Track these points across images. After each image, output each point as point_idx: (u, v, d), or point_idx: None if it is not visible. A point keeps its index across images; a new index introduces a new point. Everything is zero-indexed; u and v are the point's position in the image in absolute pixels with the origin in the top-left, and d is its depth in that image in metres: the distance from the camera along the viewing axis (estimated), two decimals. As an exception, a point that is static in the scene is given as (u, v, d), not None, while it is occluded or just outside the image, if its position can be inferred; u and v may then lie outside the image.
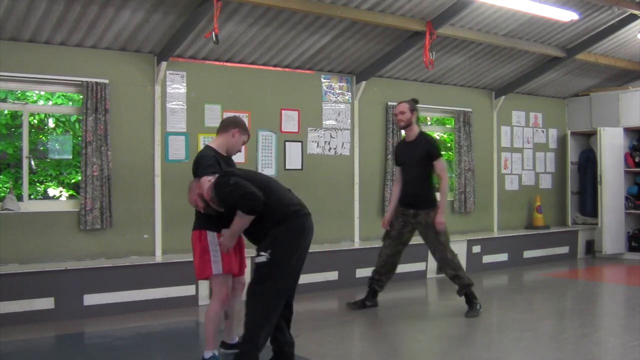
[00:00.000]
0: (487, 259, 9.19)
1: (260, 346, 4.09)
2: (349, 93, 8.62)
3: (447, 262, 6.16)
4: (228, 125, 4.63)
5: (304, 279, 7.13)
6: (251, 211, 4.05)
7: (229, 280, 4.47)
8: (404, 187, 6.33)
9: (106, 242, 6.82)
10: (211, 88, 7.51)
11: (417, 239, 8.78)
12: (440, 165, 6.19)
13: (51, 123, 9.10)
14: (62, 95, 8.51)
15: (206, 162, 4.42)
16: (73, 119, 9.06)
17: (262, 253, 4.08)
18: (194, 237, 4.46)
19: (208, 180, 4.24)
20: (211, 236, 4.37)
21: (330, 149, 8.42)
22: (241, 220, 4.12)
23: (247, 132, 4.69)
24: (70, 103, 8.49)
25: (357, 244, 8.46)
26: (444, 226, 6.12)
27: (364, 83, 8.55)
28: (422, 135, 6.31)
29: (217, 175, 4.27)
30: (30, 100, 8.34)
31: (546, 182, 11.08)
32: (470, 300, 6.14)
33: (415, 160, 6.17)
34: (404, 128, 6.35)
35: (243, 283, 4.71)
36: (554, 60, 9.43)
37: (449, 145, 12.12)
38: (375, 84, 8.67)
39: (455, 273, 6.13)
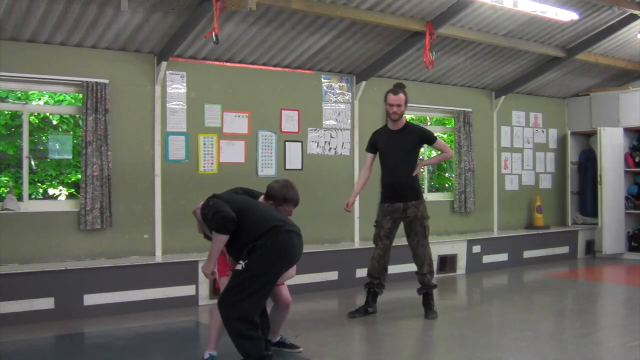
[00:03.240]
0: (487, 259, 9.19)
1: (261, 349, 4.13)
2: (349, 93, 8.62)
3: (428, 258, 6.02)
4: (267, 196, 4.57)
5: (304, 279, 7.27)
6: (221, 228, 4.10)
7: None
8: (389, 179, 6.09)
9: (106, 242, 6.82)
10: (211, 88, 7.51)
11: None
12: (441, 143, 6.31)
13: (50, 122, 9.10)
14: (62, 95, 8.51)
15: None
16: (72, 120, 9.05)
17: (240, 262, 4.15)
18: None
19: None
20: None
21: (330, 149, 8.42)
22: (216, 241, 4.17)
23: (285, 203, 4.52)
24: (65, 103, 8.49)
25: (357, 244, 8.45)
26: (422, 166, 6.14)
27: (364, 83, 8.55)
28: (410, 124, 6.20)
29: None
30: (33, 98, 8.34)
31: (546, 182, 11.08)
32: (430, 302, 6.03)
33: (405, 149, 5.99)
34: (396, 120, 6.02)
35: None
36: (554, 60, 9.43)
37: (449, 145, 12.12)
38: (375, 84, 8.65)
39: (431, 270, 6.04)
